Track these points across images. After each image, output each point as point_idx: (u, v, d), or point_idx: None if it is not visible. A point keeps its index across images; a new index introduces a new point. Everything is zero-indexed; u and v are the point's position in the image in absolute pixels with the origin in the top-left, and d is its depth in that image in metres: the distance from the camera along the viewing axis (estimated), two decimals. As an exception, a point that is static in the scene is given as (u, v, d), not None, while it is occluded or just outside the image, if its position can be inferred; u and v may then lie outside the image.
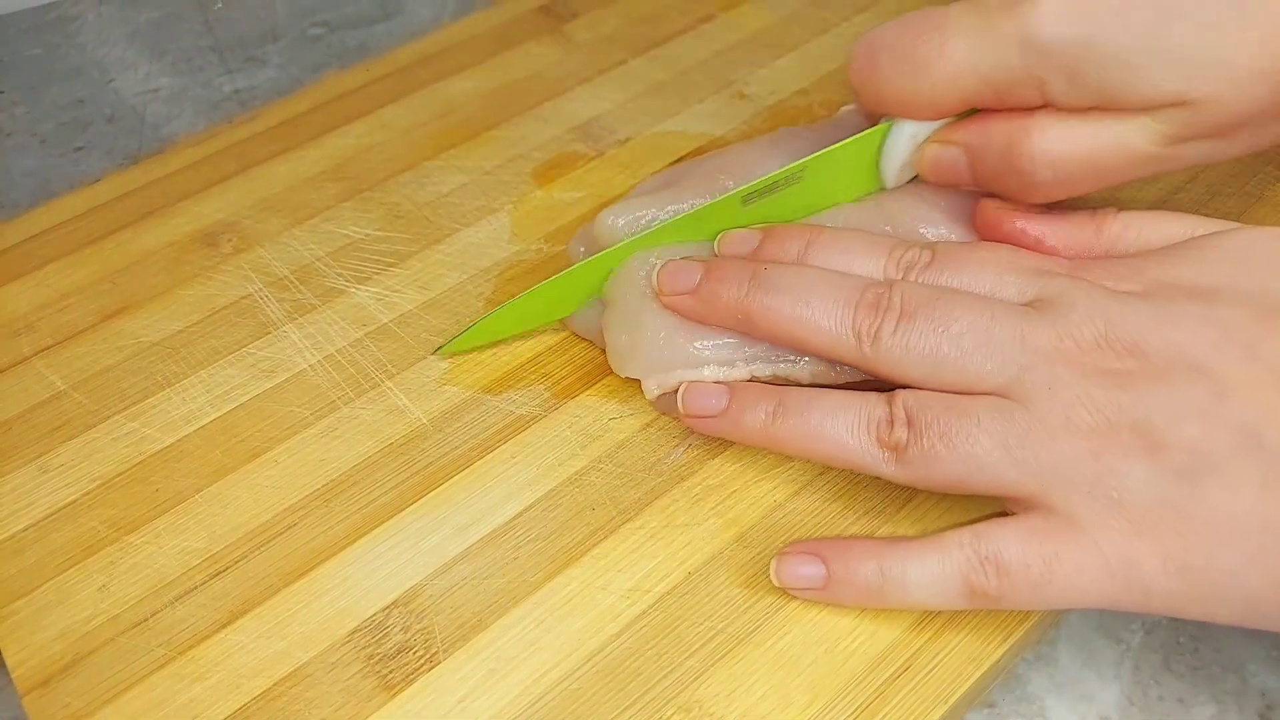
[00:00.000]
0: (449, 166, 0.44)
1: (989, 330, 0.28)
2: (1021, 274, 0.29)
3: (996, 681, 0.30)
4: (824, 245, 0.32)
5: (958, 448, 0.27)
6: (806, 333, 0.30)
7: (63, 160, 0.50)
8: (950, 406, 0.27)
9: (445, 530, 0.32)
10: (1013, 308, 0.28)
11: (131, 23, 0.58)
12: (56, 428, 0.35)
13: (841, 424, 0.29)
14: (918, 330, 0.28)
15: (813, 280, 0.30)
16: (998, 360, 0.27)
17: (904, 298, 0.29)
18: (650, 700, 0.28)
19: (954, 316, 0.28)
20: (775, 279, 0.30)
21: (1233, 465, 0.24)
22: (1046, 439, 0.26)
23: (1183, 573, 0.25)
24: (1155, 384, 0.26)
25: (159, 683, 0.29)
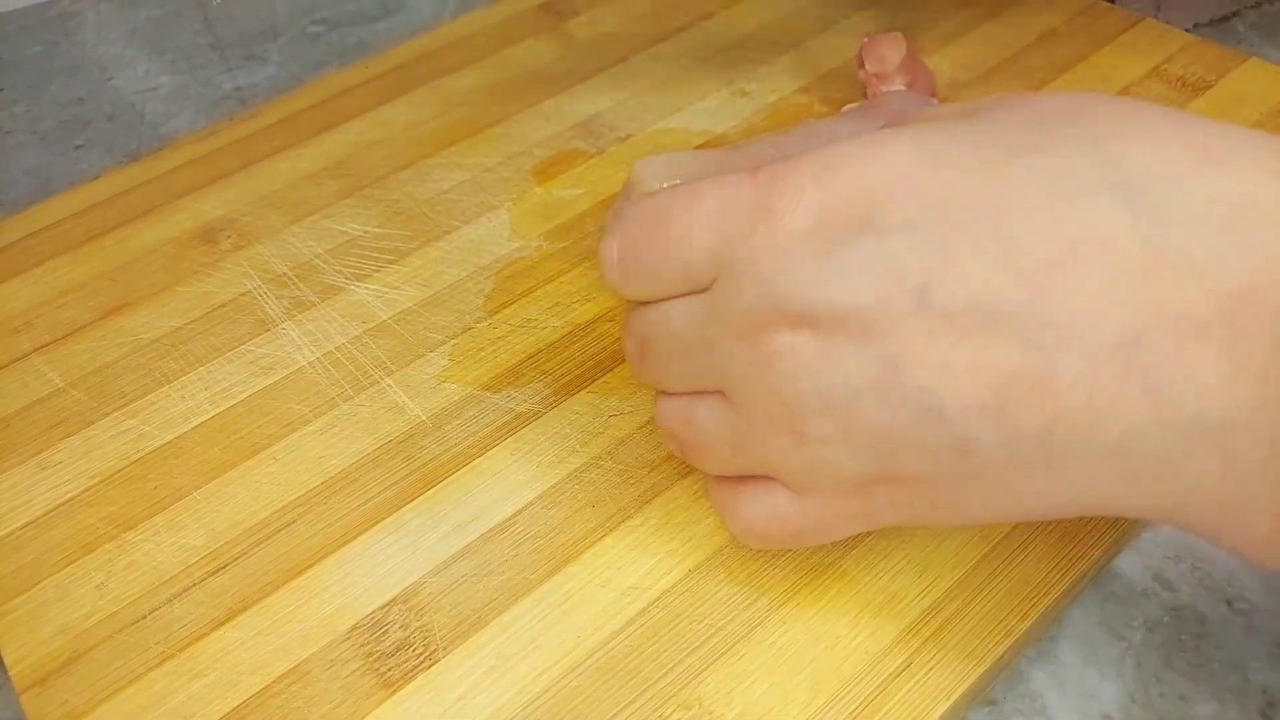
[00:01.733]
0: (449, 164, 0.44)
1: (680, 339, 0.26)
2: (698, 253, 0.25)
3: (998, 679, 0.30)
4: None
5: (708, 464, 0.27)
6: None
7: (62, 158, 0.50)
8: (687, 423, 0.27)
9: (444, 527, 0.32)
10: (695, 305, 0.26)
11: (131, 20, 0.58)
12: (55, 425, 0.35)
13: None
14: (648, 367, 0.28)
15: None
16: (698, 367, 0.26)
17: (640, 334, 0.28)
18: (650, 698, 0.28)
19: (654, 341, 0.27)
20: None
21: (918, 438, 0.23)
22: (757, 437, 0.25)
23: (916, 517, 0.25)
24: (829, 361, 0.23)
25: (157, 680, 0.29)
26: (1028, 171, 0.22)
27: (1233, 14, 0.51)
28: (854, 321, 0.23)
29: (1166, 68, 0.45)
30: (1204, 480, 0.21)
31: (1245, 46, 0.48)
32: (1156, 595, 0.31)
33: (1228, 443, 0.20)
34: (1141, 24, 0.48)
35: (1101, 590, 0.32)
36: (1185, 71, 0.45)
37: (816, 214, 0.23)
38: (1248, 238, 0.20)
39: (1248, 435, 0.20)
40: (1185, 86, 0.44)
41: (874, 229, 0.23)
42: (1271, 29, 0.50)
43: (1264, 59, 0.45)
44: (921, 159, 0.23)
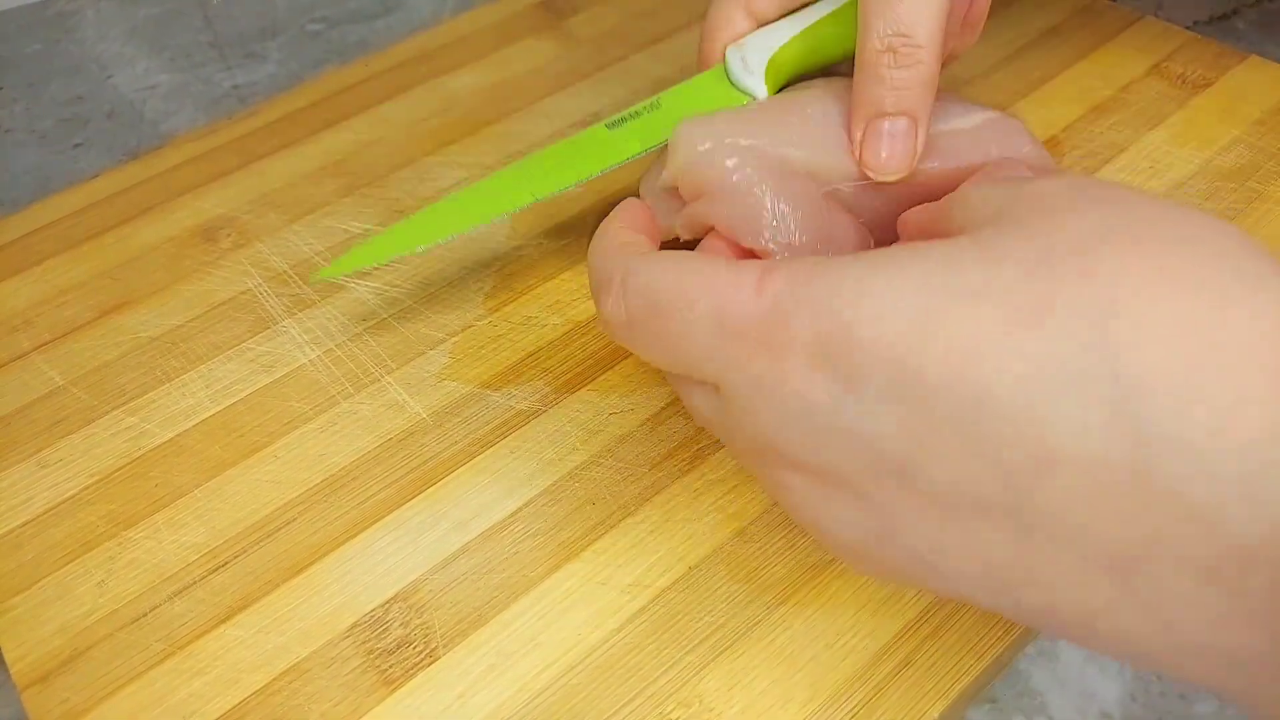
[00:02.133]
0: (449, 162, 0.44)
1: (703, 417, 0.26)
2: (698, 357, 0.25)
3: (997, 676, 0.30)
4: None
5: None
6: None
7: (62, 156, 0.50)
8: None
9: (445, 525, 0.32)
10: (710, 400, 0.25)
11: (131, 19, 0.58)
12: (55, 423, 0.35)
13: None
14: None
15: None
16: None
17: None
18: (650, 695, 0.28)
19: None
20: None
21: (921, 582, 0.23)
22: (742, 447, 0.25)
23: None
24: (829, 508, 0.23)
25: (157, 678, 0.29)
26: (1019, 355, 0.20)
27: (1233, 11, 0.51)
28: (846, 485, 0.22)
29: (1167, 65, 0.45)
30: (1214, 682, 0.20)
31: (1245, 44, 0.48)
32: (1156, 593, 0.31)
33: (1238, 669, 0.19)
34: (1141, 21, 0.48)
35: (1101, 588, 0.32)
36: (1185, 69, 0.45)
37: (809, 362, 0.22)
38: (1255, 491, 0.18)
39: (1264, 669, 0.19)
40: (1185, 84, 0.44)
41: (856, 391, 0.21)
42: (1271, 27, 0.50)
43: (1264, 56, 0.45)
44: (915, 327, 0.21)
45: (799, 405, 0.22)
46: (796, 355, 0.22)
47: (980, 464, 0.20)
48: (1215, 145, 0.41)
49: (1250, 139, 0.41)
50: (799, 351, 0.22)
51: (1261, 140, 0.41)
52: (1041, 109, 0.44)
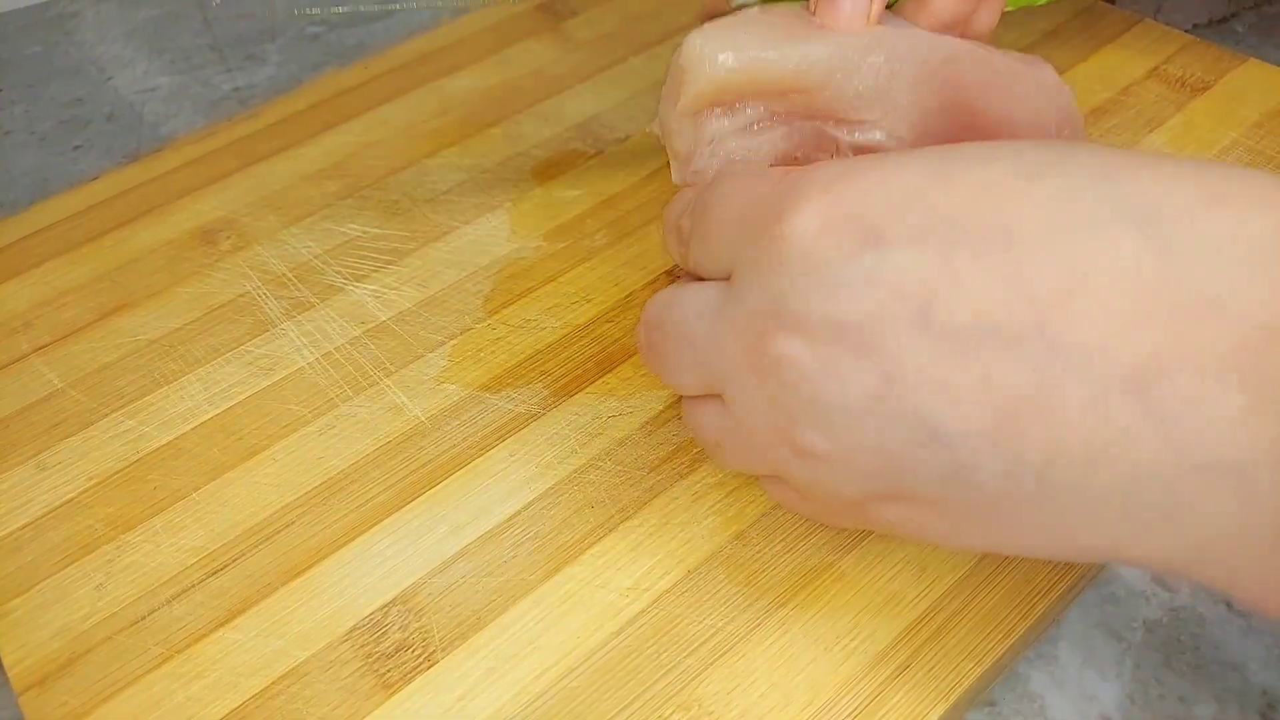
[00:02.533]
0: (448, 164, 0.44)
1: (688, 333, 0.26)
2: (727, 241, 0.26)
3: (997, 680, 0.30)
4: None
5: (723, 464, 0.28)
6: None
7: (61, 158, 0.50)
8: (696, 425, 0.28)
9: (443, 528, 0.32)
10: (710, 296, 0.26)
11: (130, 21, 0.58)
12: (54, 425, 0.35)
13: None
14: (653, 356, 0.28)
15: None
16: (700, 366, 0.26)
17: (652, 320, 0.28)
18: (650, 699, 0.28)
19: (664, 329, 0.27)
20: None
21: (914, 461, 0.22)
22: (757, 446, 0.26)
23: (911, 536, 0.25)
24: (826, 375, 0.23)
25: (156, 681, 0.29)
26: (1040, 195, 0.21)
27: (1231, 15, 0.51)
28: (852, 334, 0.22)
29: (1165, 68, 0.45)
30: (1219, 525, 0.20)
31: (1244, 47, 0.48)
32: (1156, 596, 0.31)
33: (1247, 484, 0.19)
34: (1141, 24, 0.48)
35: (1101, 591, 0.32)
36: (1184, 72, 0.45)
37: (823, 222, 0.23)
38: (1270, 273, 0.19)
39: (1269, 476, 0.19)
40: (1184, 87, 0.44)
41: (879, 241, 0.22)
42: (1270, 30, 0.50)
43: (1263, 60, 0.45)
44: (932, 176, 0.22)
45: (810, 262, 0.23)
46: (809, 215, 0.23)
47: (1005, 291, 0.21)
48: (1214, 148, 0.41)
49: (1249, 142, 0.41)
50: (812, 212, 0.23)
51: (1260, 143, 0.41)
52: (1041, 111, 0.44)
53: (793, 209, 0.23)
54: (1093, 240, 0.21)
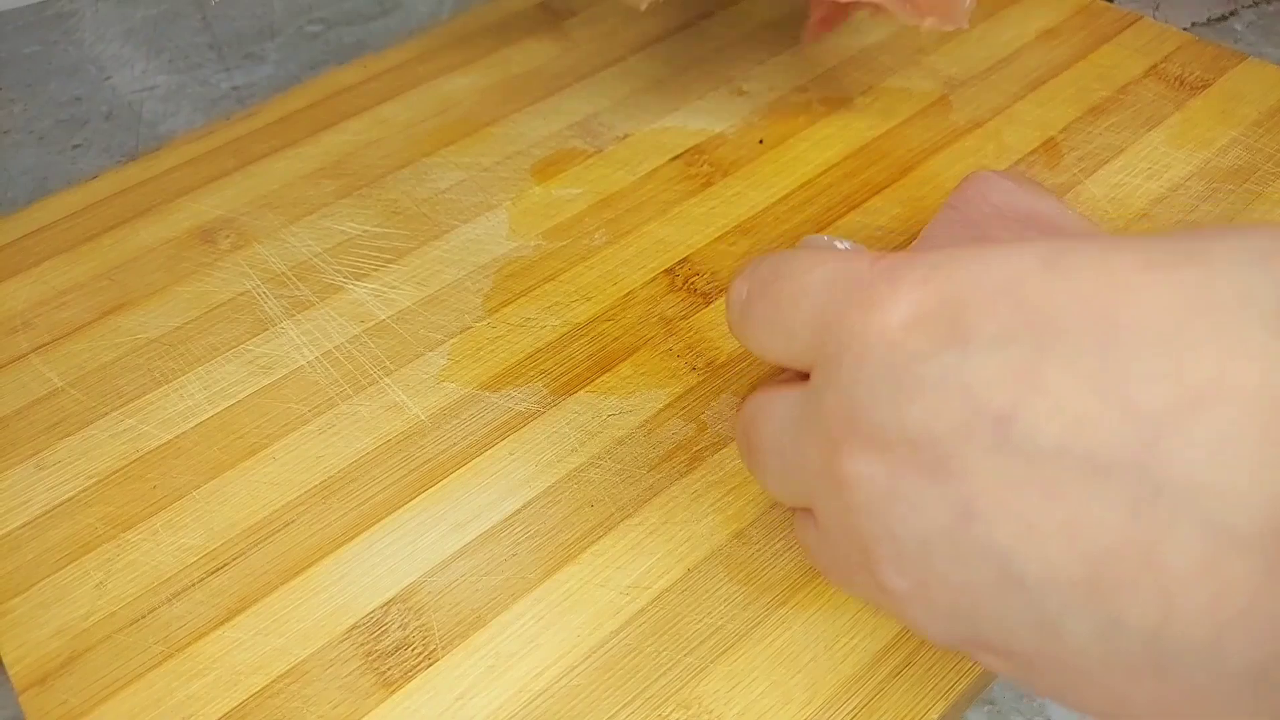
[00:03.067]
0: (447, 163, 0.44)
1: (777, 440, 0.24)
2: (805, 329, 0.23)
3: (997, 678, 0.30)
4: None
5: (827, 578, 0.25)
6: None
7: (60, 157, 0.50)
8: (797, 525, 0.25)
9: (443, 527, 0.32)
10: (793, 401, 0.23)
11: (129, 20, 0.57)
12: (53, 424, 0.35)
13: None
14: (753, 461, 0.25)
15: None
16: (790, 477, 0.24)
17: (745, 421, 0.25)
18: (649, 697, 0.28)
19: (755, 433, 0.25)
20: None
21: (997, 609, 0.19)
22: (848, 571, 0.23)
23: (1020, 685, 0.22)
24: (900, 499, 0.20)
25: (156, 680, 0.29)
26: (1163, 288, 0.17)
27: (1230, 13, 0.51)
28: (927, 452, 0.19)
29: (1164, 67, 0.45)
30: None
31: (1243, 46, 0.48)
32: (1154, 594, 0.31)
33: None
34: (1139, 23, 0.48)
35: (1100, 589, 0.32)
36: (1183, 70, 0.45)
37: (911, 314, 0.20)
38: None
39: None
40: (1183, 86, 0.44)
41: (963, 339, 0.19)
42: (1269, 28, 0.50)
43: (1262, 58, 0.45)
44: (1040, 264, 0.19)
45: (892, 360, 0.20)
46: (899, 305, 0.20)
47: (1101, 406, 0.17)
48: (1213, 147, 0.41)
49: (1248, 140, 0.41)
50: (906, 302, 0.20)
51: (1259, 141, 0.41)
52: (1039, 110, 0.44)
53: (887, 295, 0.20)
54: (1220, 344, 0.16)
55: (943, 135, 0.43)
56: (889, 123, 0.44)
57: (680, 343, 0.36)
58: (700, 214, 0.41)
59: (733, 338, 0.36)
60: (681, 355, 0.36)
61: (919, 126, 0.44)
